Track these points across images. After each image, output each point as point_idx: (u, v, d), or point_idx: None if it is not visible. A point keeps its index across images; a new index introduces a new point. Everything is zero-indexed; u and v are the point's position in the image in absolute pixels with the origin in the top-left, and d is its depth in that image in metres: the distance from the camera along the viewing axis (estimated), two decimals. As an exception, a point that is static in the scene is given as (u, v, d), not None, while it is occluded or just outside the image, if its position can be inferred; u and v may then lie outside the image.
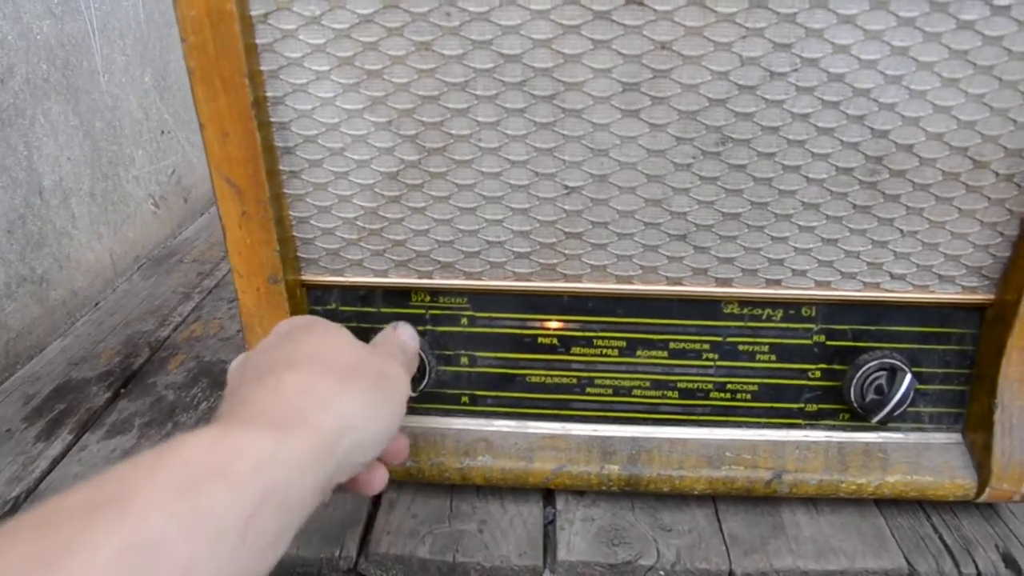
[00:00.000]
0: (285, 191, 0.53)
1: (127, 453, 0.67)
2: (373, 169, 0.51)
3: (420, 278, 0.55)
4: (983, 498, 0.56)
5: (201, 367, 0.80)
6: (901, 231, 0.51)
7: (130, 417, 0.72)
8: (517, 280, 0.55)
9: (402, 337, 0.53)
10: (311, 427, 0.37)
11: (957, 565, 0.54)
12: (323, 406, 0.39)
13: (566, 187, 0.51)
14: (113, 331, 0.88)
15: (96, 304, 0.95)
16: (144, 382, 0.78)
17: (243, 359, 0.47)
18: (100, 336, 0.87)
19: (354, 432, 0.40)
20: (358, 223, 0.54)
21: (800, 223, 0.51)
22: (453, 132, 0.50)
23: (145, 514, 0.28)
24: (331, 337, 0.47)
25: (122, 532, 0.27)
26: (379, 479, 0.47)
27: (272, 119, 0.51)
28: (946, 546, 0.56)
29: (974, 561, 0.54)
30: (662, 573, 0.54)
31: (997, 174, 0.49)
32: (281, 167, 0.52)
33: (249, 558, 0.31)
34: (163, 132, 1.09)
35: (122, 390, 0.77)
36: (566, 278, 0.54)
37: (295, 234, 0.55)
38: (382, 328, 0.57)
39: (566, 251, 0.53)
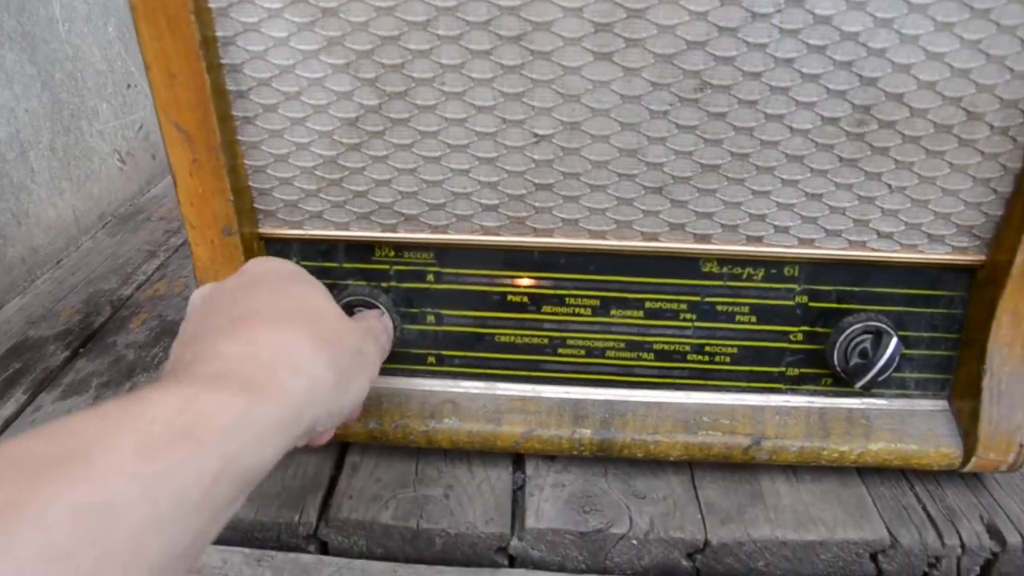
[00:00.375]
0: (239, 138, 0.50)
1: (83, 414, 0.64)
2: (331, 115, 0.48)
3: (383, 231, 0.53)
4: (969, 467, 0.54)
5: (164, 326, 0.77)
6: (889, 186, 0.49)
7: (87, 377, 0.70)
8: (485, 234, 0.52)
9: (386, 323, 0.52)
10: (281, 393, 0.36)
11: (940, 536, 0.52)
12: (296, 372, 0.37)
13: (535, 135, 0.48)
14: (74, 289, 0.85)
15: (58, 262, 0.91)
16: (104, 341, 0.75)
17: (210, 291, 0.45)
18: (60, 294, 0.84)
19: (322, 405, 0.39)
20: (317, 172, 0.51)
21: (783, 176, 0.48)
22: (415, 75, 0.46)
23: (105, 475, 0.27)
24: (312, 297, 0.44)
25: (79, 491, 0.26)
26: (325, 436, 0.46)
27: (222, 60, 0.47)
28: (929, 516, 0.54)
29: (958, 532, 0.52)
30: (635, 542, 0.52)
31: (991, 127, 0.46)
32: (234, 112, 0.49)
33: (203, 522, 0.30)
34: (129, 86, 1.05)
35: (81, 349, 0.74)
36: (536, 232, 0.52)
37: (251, 184, 0.52)
38: (345, 285, 0.54)
39: (536, 204, 0.50)
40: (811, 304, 0.53)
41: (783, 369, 0.55)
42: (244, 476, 0.32)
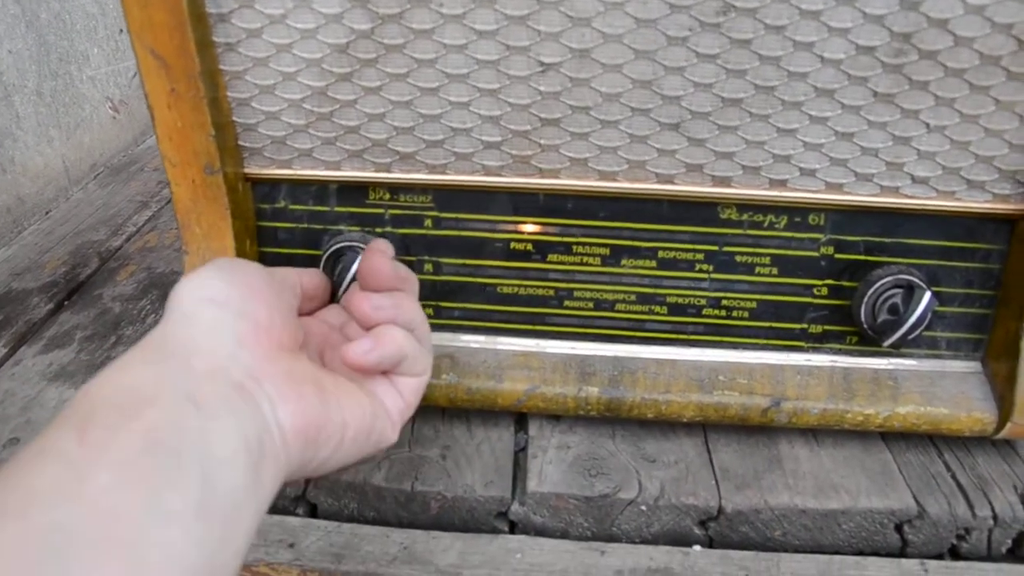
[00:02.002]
0: (221, 67, 0.46)
1: (64, 368, 0.61)
2: (319, 40, 0.44)
3: (377, 171, 0.49)
4: (1002, 434, 0.50)
5: (152, 278, 0.74)
6: (927, 125, 0.45)
7: (71, 330, 0.66)
8: (486, 175, 0.48)
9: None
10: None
11: (971, 507, 0.48)
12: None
13: (541, 63, 0.44)
14: (62, 241, 0.81)
15: (47, 212, 0.88)
16: (90, 294, 0.72)
17: None
18: (47, 246, 0.81)
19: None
20: (305, 106, 0.47)
21: (811, 112, 0.44)
22: (410, -5, 0.42)
23: None
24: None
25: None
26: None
27: (202, -22, 0.43)
28: (959, 485, 0.50)
29: (990, 502, 0.49)
30: (643, 508, 0.48)
31: (1044, 58, 0.42)
32: (215, 38, 0.45)
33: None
34: (122, 31, 1.01)
35: (65, 302, 0.71)
36: (542, 173, 0.48)
37: (235, 119, 0.48)
38: (337, 230, 0.51)
39: (542, 141, 0.46)
40: (837, 256, 0.49)
41: (805, 326, 0.51)
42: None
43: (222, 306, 0.35)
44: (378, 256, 0.42)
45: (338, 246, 0.50)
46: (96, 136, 0.98)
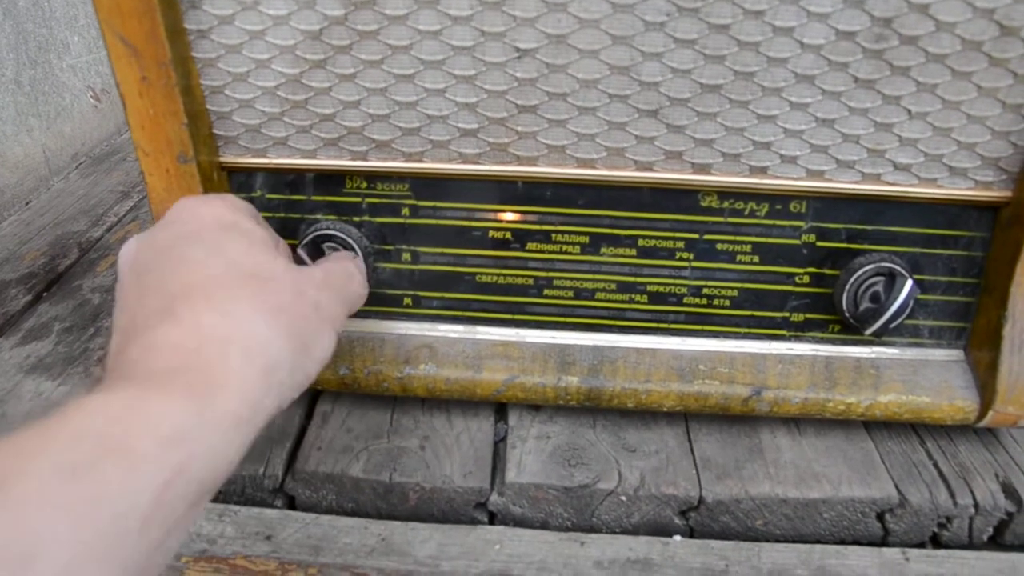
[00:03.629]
0: (193, 54, 0.45)
1: (41, 360, 0.60)
2: (292, 27, 0.44)
3: (354, 159, 0.48)
4: (984, 422, 0.50)
5: (132, 269, 0.73)
6: (909, 112, 0.44)
7: (49, 322, 0.66)
8: (464, 162, 0.47)
9: (358, 264, 0.47)
10: (236, 387, 0.32)
11: (952, 495, 0.48)
12: (248, 357, 0.33)
13: (517, 49, 0.43)
14: (41, 231, 0.81)
15: (27, 203, 0.87)
16: (69, 284, 0.71)
17: (137, 249, 0.39)
18: (27, 236, 0.80)
19: (281, 385, 0.35)
20: (279, 93, 0.46)
21: (791, 99, 0.44)
22: (384, -20, 0.42)
23: (26, 509, 0.23)
24: (255, 250, 0.39)
25: None
26: None
27: (172, -36, 0.43)
28: (941, 474, 0.50)
29: (971, 491, 0.49)
30: (623, 498, 0.48)
31: (1026, 43, 0.41)
32: (187, 25, 0.44)
33: (154, 538, 0.26)
34: (103, 17, 0.99)
35: (44, 293, 0.70)
36: (519, 160, 0.47)
37: (209, 107, 0.47)
38: (314, 219, 0.50)
39: (519, 128, 0.46)
40: (819, 243, 0.49)
41: (787, 314, 0.51)
42: (200, 483, 0.29)
43: None
44: None
45: (316, 234, 0.49)
46: (77, 125, 0.97)
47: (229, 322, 0.34)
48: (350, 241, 0.49)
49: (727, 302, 0.51)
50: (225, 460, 0.30)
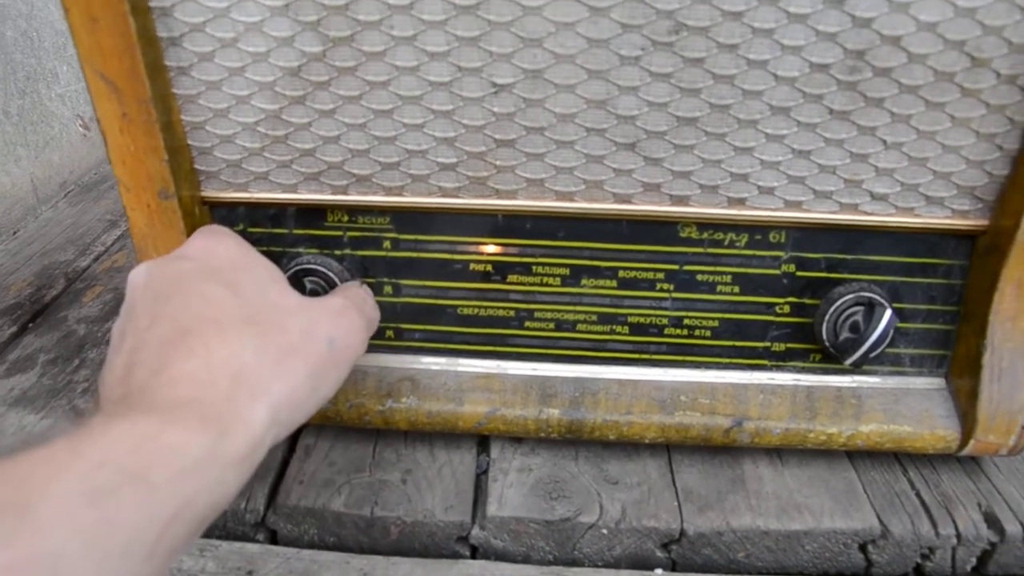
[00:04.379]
0: (174, 91, 0.46)
1: (25, 393, 0.60)
2: (271, 64, 0.44)
3: (334, 193, 0.48)
4: (966, 451, 0.50)
5: (119, 299, 0.72)
6: (884, 142, 0.44)
7: (34, 353, 0.66)
8: (444, 196, 0.48)
9: (366, 291, 0.48)
10: (243, 426, 0.33)
11: (935, 525, 0.48)
12: (256, 397, 0.34)
13: (494, 84, 0.43)
14: (28, 261, 0.80)
15: (14, 232, 0.87)
16: (55, 316, 0.71)
17: (148, 275, 0.40)
18: (13, 267, 0.80)
19: (283, 424, 0.36)
20: (259, 129, 0.46)
21: (767, 131, 0.44)
22: (360, 17, 0.42)
23: (45, 526, 0.25)
24: (269, 289, 0.41)
25: (17, 545, 0.24)
26: None
27: (151, 3, 0.43)
28: (923, 504, 0.50)
29: (953, 521, 0.48)
30: (605, 531, 0.48)
31: (998, 74, 0.42)
32: (167, 62, 0.45)
33: (156, 565, 0.28)
34: (93, 49, 1.00)
35: (30, 324, 0.70)
36: (499, 194, 0.47)
37: (190, 142, 0.47)
38: (296, 252, 0.50)
39: (497, 162, 0.46)
40: (798, 273, 0.49)
41: (768, 344, 0.51)
42: (201, 515, 0.30)
43: None
44: None
45: (297, 268, 0.49)
46: (66, 154, 0.97)
47: (239, 360, 0.35)
48: (331, 275, 0.49)
49: (708, 333, 0.51)
50: (225, 495, 0.32)
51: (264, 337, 0.37)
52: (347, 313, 0.42)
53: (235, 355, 0.35)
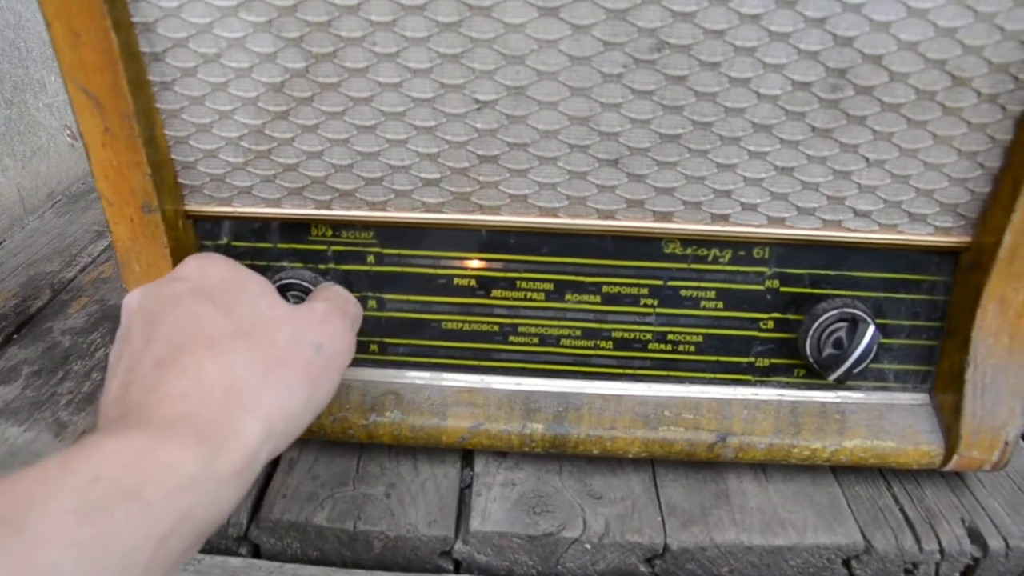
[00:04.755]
0: (157, 105, 0.46)
1: (8, 405, 0.60)
2: (254, 79, 0.44)
3: (318, 208, 0.48)
4: (950, 466, 0.50)
5: (105, 311, 0.73)
6: (867, 159, 0.44)
7: (18, 365, 0.65)
8: (427, 211, 0.48)
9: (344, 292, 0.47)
10: (237, 440, 0.33)
11: (918, 540, 0.48)
12: (249, 410, 0.35)
13: (477, 101, 0.43)
14: (14, 272, 0.80)
15: (0, 242, 0.87)
16: (40, 327, 0.71)
17: (147, 296, 0.40)
18: None
19: (279, 436, 0.36)
20: (243, 144, 0.46)
21: (750, 148, 0.44)
22: (343, 34, 0.42)
23: (42, 542, 0.25)
24: (259, 302, 0.40)
25: (13, 560, 0.25)
26: None
27: (134, 19, 0.43)
28: (907, 519, 0.50)
29: (937, 536, 0.48)
30: (588, 546, 0.48)
31: (979, 93, 0.42)
32: (150, 77, 0.45)
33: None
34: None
35: (14, 336, 0.70)
36: (482, 210, 0.47)
37: (173, 157, 0.47)
38: (281, 267, 0.50)
39: (480, 178, 0.46)
40: (782, 289, 0.49)
41: (752, 359, 0.51)
42: (198, 531, 0.31)
43: None
44: None
45: (281, 283, 0.49)
46: (53, 164, 0.97)
47: (230, 374, 0.35)
48: (311, 287, 0.49)
49: (692, 348, 0.51)
50: (222, 510, 0.32)
51: (254, 350, 0.37)
52: (331, 318, 0.42)
53: (225, 370, 0.35)
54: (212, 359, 0.35)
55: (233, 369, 0.35)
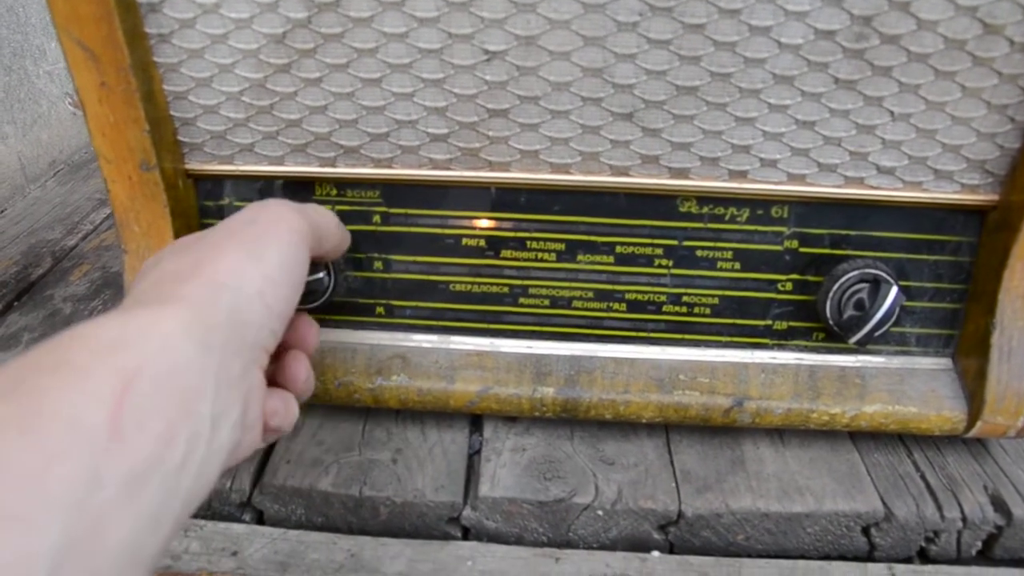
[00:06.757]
0: (155, 59, 0.44)
1: (10, 370, 0.59)
2: (255, 31, 0.42)
3: (322, 166, 0.47)
4: (973, 432, 0.48)
5: (107, 278, 0.72)
6: (891, 113, 0.43)
7: (18, 332, 0.64)
8: (435, 168, 0.46)
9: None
10: (176, 300, 0.32)
11: (940, 508, 0.47)
12: (190, 278, 0.33)
13: (486, 52, 0.42)
14: (15, 240, 0.79)
15: (1, 211, 0.85)
16: (41, 294, 0.70)
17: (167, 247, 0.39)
18: (0, 245, 0.78)
19: (231, 290, 0.34)
20: (244, 99, 0.45)
21: (770, 100, 0.42)
22: (346, -20, 0.40)
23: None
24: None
25: None
26: (311, 336, 0.43)
27: (130, -35, 0.41)
28: (928, 486, 0.48)
29: (959, 504, 0.47)
30: (600, 513, 0.47)
31: (1012, 42, 0.40)
32: (147, 29, 0.43)
33: (133, 448, 0.26)
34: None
35: (15, 303, 0.69)
36: (492, 166, 0.46)
37: (172, 113, 0.46)
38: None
39: (490, 132, 0.44)
40: (802, 249, 0.48)
41: (769, 322, 0.49)
42: (164, 390, 0.28)
43: None
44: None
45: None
46: (55, 132, 0.95)
47: (182, 261, 0.35)
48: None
49: (708, 310, 0.49)
50: (180, 363, 0.30)
51: (203, 243, 0.36)
52: (266, 207, 0.39)
53: (179, 262, 0.35)
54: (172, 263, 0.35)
55: (184, 259, 0.35)
